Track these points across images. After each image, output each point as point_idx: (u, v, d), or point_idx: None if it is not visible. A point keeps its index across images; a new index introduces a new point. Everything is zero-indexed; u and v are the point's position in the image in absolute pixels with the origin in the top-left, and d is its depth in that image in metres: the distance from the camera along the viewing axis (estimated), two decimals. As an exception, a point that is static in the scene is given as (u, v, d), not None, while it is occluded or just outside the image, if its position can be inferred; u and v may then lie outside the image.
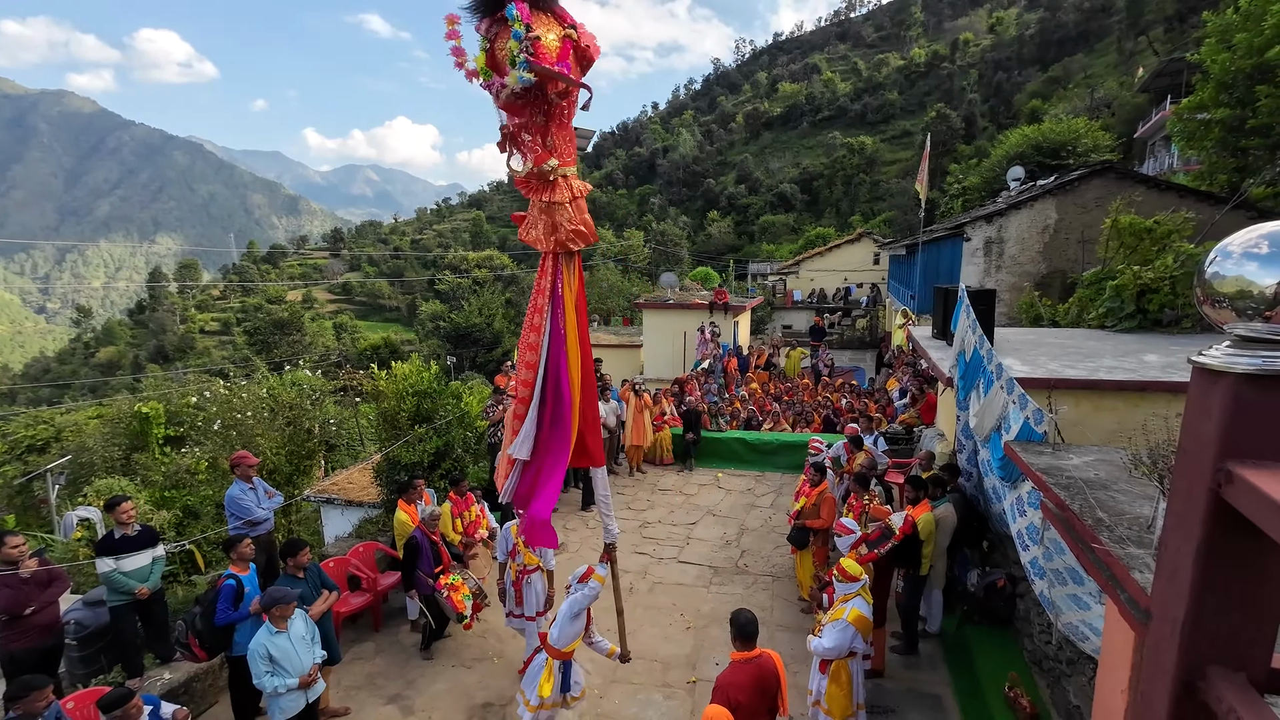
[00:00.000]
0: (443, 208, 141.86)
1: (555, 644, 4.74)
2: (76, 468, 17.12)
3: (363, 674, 6.21)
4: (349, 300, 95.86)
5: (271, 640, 4.57)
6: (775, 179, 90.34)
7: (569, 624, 4.70)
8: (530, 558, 5.89)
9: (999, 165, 26.44)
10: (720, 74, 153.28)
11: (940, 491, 6.41)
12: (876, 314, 31.23)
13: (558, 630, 4.72)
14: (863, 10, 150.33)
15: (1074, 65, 70.67)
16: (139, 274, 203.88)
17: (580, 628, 4.80)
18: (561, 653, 4.75)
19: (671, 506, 10.14)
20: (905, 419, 11.44)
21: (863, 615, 4.63)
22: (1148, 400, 5.46)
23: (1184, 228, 10.01)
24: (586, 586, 4.78)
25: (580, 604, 4.74)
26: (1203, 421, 1.22)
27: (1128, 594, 2.22)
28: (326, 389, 14.45)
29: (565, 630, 4.69)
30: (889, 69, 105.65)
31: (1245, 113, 12.27)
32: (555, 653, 4.75)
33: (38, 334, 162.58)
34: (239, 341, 69.51)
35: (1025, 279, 14.58)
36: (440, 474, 8.38)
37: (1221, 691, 1.15)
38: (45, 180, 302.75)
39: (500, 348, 42.73)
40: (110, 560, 5.36)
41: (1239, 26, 12.30)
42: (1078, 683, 4.65)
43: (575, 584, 4.84)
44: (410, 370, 9.12)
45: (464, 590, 6.22)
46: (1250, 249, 1.18)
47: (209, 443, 10.48)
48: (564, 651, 4.76)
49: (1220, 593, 1.18)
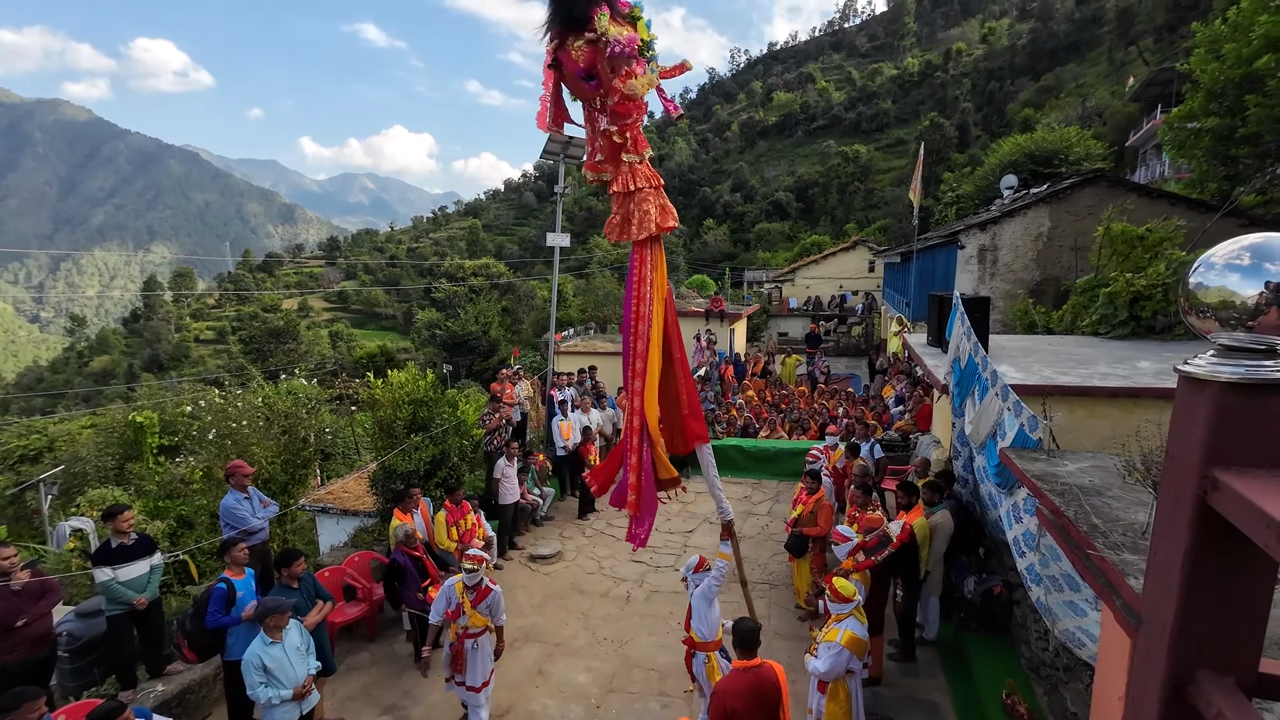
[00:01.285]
0: (439, 216, 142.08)
1: (705, 638, 4.84)
2: (69, 478, 17.02)
3: (358, 685, 6.17)
4: (345, 308, 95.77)
5: (266, 651, 4.54)
6: (771, 187, 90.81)
7: (708, 612, 4.84)
8: (477, 619, 5.12)
9: (992, 173, 26.64)
10: (715, 83, 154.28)
11: (938, 497, 6.42)
12: (872, 321, 31.33)
13: (697, 623, 4.83)
14: (856, 20, 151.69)
15: (1066, 75, 71.44)
16: (134, 282, 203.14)
17: (718, 613, 4.92)
18: (713, 643, 4.86)
19: (668, 514, 10.12)
20: (901, 426, 11.46)
21: (856, 637, 4.62)
22: (1141, 407, 5.48)
23: (1176, 235, 10.09)
24: (712, 572, 4.86)
25: (712, 590, 4.85)
26: (1189, 429, 1.24)
27: (1123, 600, 2.23)
28: (322, 397, 14.39)
29: (707, 619, 4.84)
30: (883, 78, 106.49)
31: (1235, 122, 12.41)
32: (708, 645, 4.86)
33: (31, 343, 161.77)
34: (234, 350, 69.33)
35: (1019, 286, 14.66)
36: (436, 482, 8.36)
37: (1210, 695, 1.16)
38: (40, 189, 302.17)
39: (496, 355, 42.66)
40: (108, 570, 5.31)
41: (1227, 37, 12.46)
42: (1075, 690, 4.65)
43: (691, 575, 4.94)
44: (406, 378, 9.11)
45: None
46: (1232, 260, 1.21)
47: (203, 452, 10.44)
48: (715, 641, 4.87)
49: (1208, 597, 1.20)
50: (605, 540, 9.29)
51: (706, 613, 4.79)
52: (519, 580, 8.17)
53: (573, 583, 8.06)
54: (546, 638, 6.88)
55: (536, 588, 7.98)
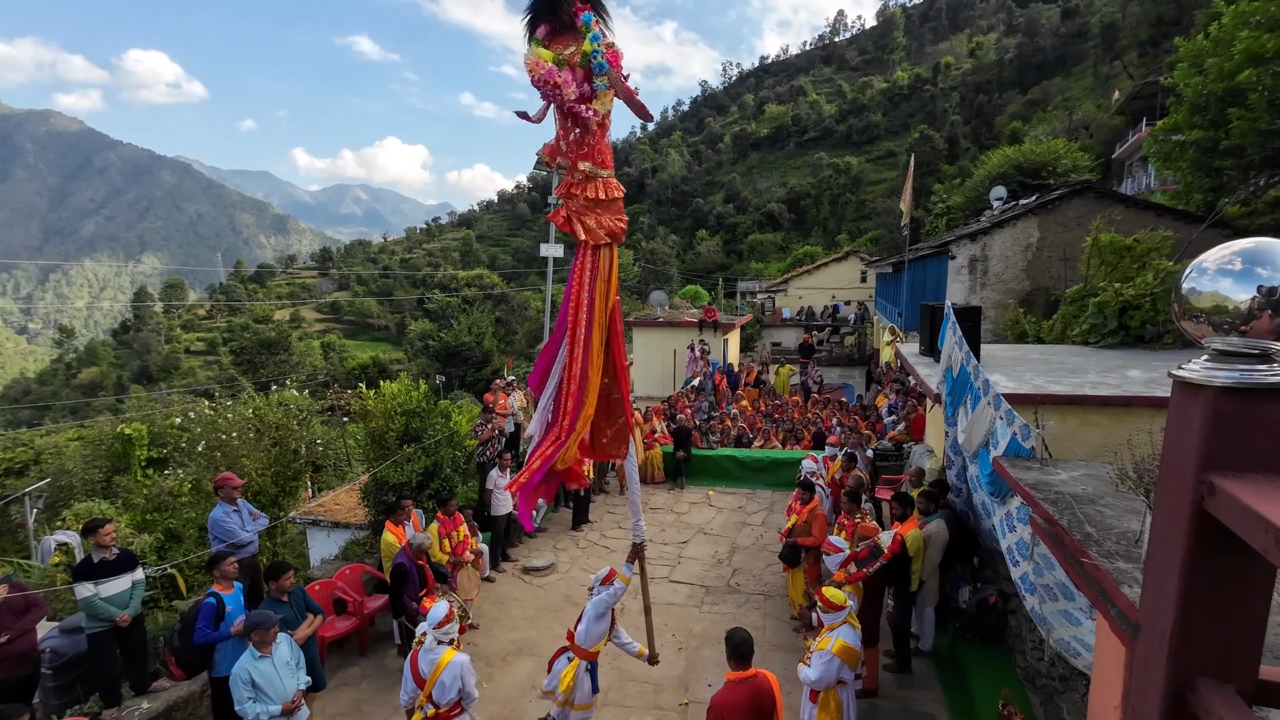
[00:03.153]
0: (432, 227, 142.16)
1: (582, 644, 4.80)
2: (55, 491, 16.78)
3: (348, 700, 6.07)
4: (337, 319, 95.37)
5: (254, 665, 4.46)
6: (763, 198, 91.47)
7: (594, 624, 4.81)
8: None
9: (982, 185, 26.90)
10: (708, 96, 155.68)
11: (932, 506, 6.42)
12: (865, 331, 31.48)
13: (584, 630, 4.81)
14: (846, 35, 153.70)
15: (1052, 88, 72.54)
16: (124, 294, 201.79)
17: (605, 628, 4.90)
18: (588, 653, 4.82)
19: (663, 525, 10.08)
20: (895, 435, 11.48)
21: (848, 645, 4.60)
22: (1132, 415, 5.52)
23: (1163, 245, 10.21)
24: (611, 587, 4.87)
25: (604, 605, 4.84)
26: (1184, 434, 1.24)
27: (1118, 609, 2.23)
28: (314, 409, 14.29)
29: (591, 630, 4.80)
30: (873, 91, 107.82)
31: (1218, 134, 12.59)
32: (582, 653, 4.81)
33: (18, 354, 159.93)
34: (225, 361, 68.78)
35: (1010, 296, 14.78)
36: (429, 494, 8.29)
37: (1210, 703, 1.15)
38: (30, 200, 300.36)
39: (490, 366, 42.56)
40: (90, 585, 5.18)
41: (1210, 52, 12.67)
42: (1071, 699, 4.63)
43: (598, 585, 4.93)
44: (399, 389, 9.06)
45: None
46: (1224, 265, 1.22)
47: (193, 464, 10.31)
48: (590, 652, 4.83)
49: (1206, 604, 1.20)
50: (599, 552, 9.22)
51: (594, 624, 4.82)
52: (512, 592, 8.09)
53: (566, 595, 7.99)
54: (540, 651, 6.79)
55: (529, 600, 7.90)
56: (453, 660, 4.44)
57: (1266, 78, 11.29)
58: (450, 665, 4.41)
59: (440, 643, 4.53)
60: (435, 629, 4.54)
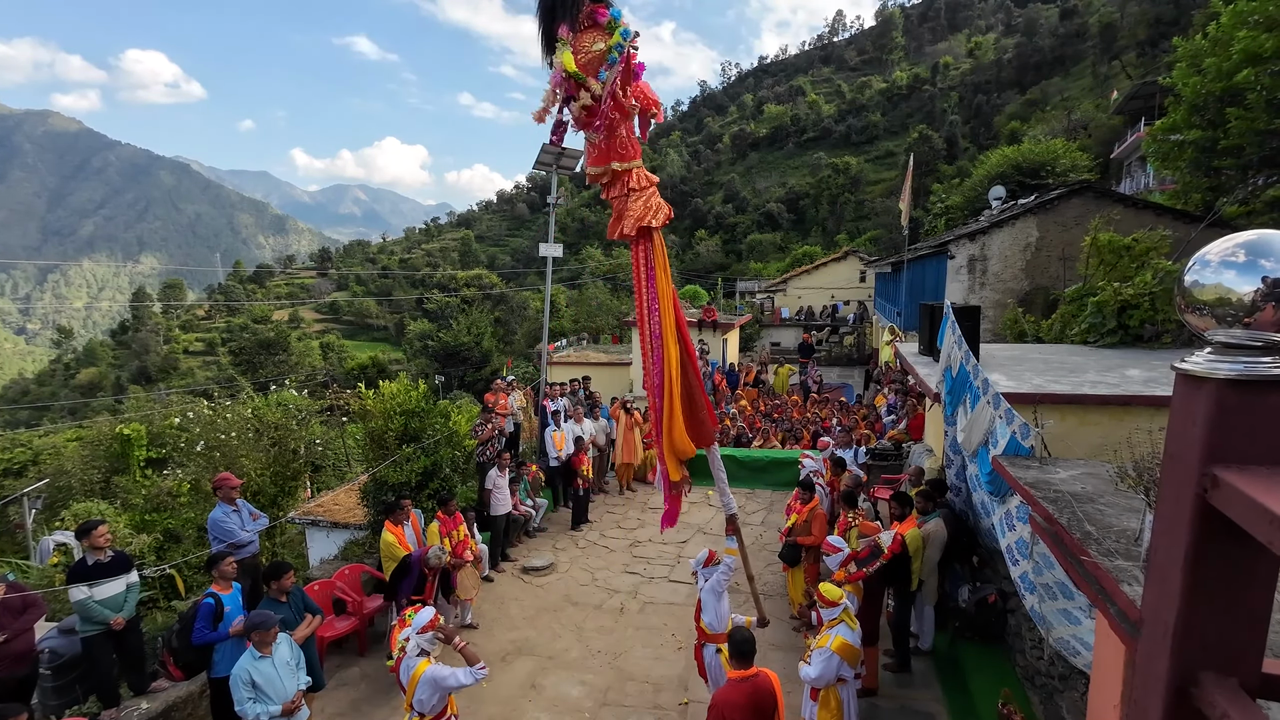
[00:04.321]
0: (431, 227, 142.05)
1: (719, 629, 4.97)
2: (54, 492, 16.74)
3: (347, 700, 6.07)
4: (336, 320, 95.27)
5: (254, 666, 4.45)
6: (762, 198, 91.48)
7: (719, 606, 5.00)
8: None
9: (980, 185, 26.90)
10: (706, 96, 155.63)
11: (930, 506, 6.41)
12: (864, 331, 31.50)
13: (713, 615, 4.97)
14: (845, 35, 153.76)
15: (1051, 88, 72.60)
16: (122, 294, 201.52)
17: (728, 606, 5.10)
18: (723, 635, 4.95)
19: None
20: (894, 435, 11.48)
21: (847, 643, 4.61)
22: (1131, 414, 5.51)
23: (1161, 245, 10.21)
24: (721, 566, 5.04)
25: (722, 584, 5.02)
26: (1187, 427, 1.24)
27: (1118, 607, 2.23)
28: (313, 409, 14.25)
29: (720, 613, 5.00)
30: (872, 91, 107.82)
31: (1217, 134, 12.60)
32: (718, 637, 4.97)
33: (16, 355, 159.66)
34: (224, 362, 68.70)
35: (1009, 295, 14.79)
36: (428, 494, 8.28)
37: (1214, 697, 1.15)
38: (28, 200, 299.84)
39: (489, 366, 42.53)
40: (84, 588, 5.14)
41: (1208, 51, 12.68)
42: (1070, 698, 4.63)
43: (702, 570, 5.09)
44: (398, 389, 9.05)
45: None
46: (1228, 257, 1.21)
47: (191, 464, 10.29)
48: (725, 633, 4.94)
49: (1210, 598, 1.19)
50: (599, 552, 9.22)
51: (716, 605, 4.99)
52: (511, 592, 8.08)
53: (566, 595, 7.98)
54: (539, 651, 6.79)
55: (529, 600, 7.90)
56: (424, 674, 4.30)
57: (1265, 77, 11.31)
58: (422, 680, 4.28)
59: (422, 651, 4.44)
60: (418, 634, 4.46)
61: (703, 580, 5.10)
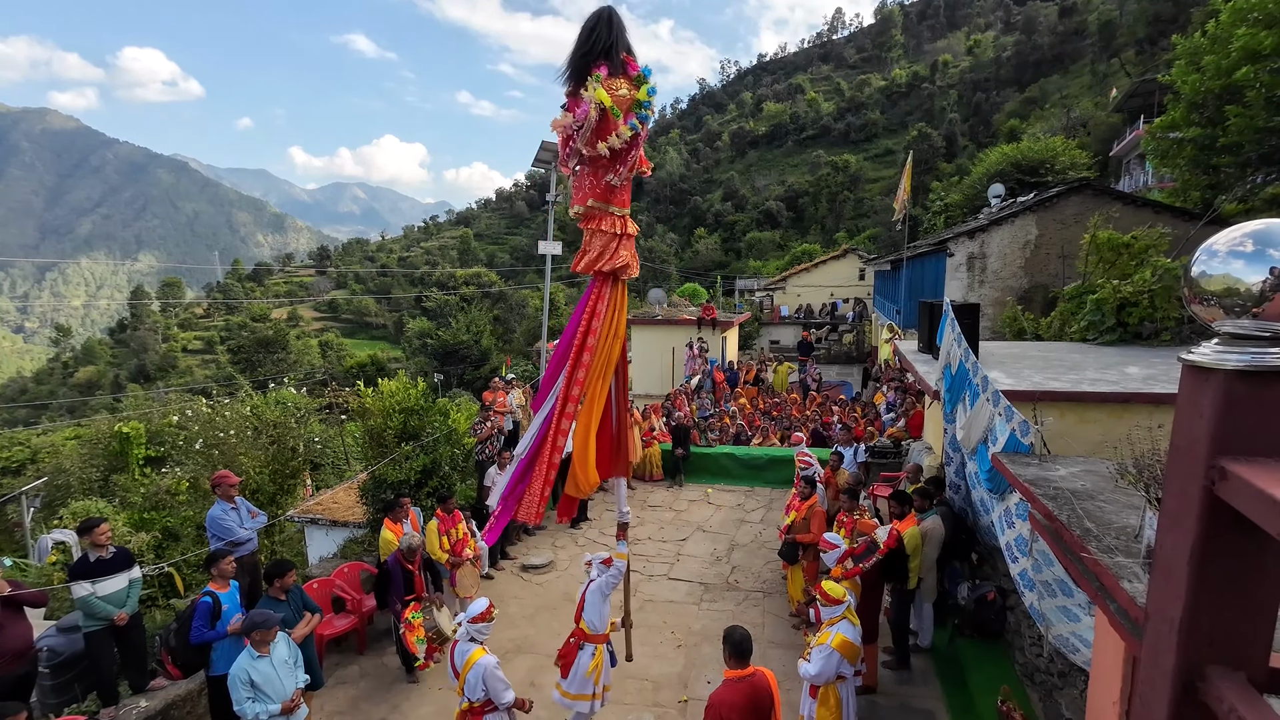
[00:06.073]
0: (430, 225, 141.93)
1: (598, 629, 4.95)
2: (53, 490, 16.71)
3: (346, 699, 6.05)
4: (335, 318, 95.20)
5: (253, 665, 4.44)
6: (761, 196, 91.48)
7: (602, 607, 4.98)
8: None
9: (980, 182, 26.90)
10: (706, 94, 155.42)
11: (928, 503, 6.41)
12: (863, 329, 31.49)
13: (593, 615, 4.95)
14: (844, 33, 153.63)
15: (1050, 86, 72.60)
16: (121, 292, 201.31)
17: (609, 609, 5.08)
18: (604, 636, 4.99)
19: (661, 523, 10.07)
20: (894, 432, 11.48)
21: (847, 640, 4.60)
22: (1131, 411, 5.51)
23: (1160, 243, 10.20)
24: (611, 570, 5.01)
25: (610, 586, 5.00)
26: (1194, 419, 1.22)
27: (1117, 604, 2.22)
28: (312, 407, 14.24)
29: (602, 613, 4.98)
30: (871, 89, 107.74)
31: (1215, 132, 12.61)
32: (597, 638, 4.96)
33: (15, 353, 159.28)
34: (223, 360, 68.65)
35: (1008, 293, 14.79)
36: (427, 492, 8.26)
37: (1221, 691, 1.14)
38: (26, 198, 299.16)
39: (488, 364, 42.52)
40: (86, 585, 5.15)
41: (1207, 49, 12.67)
42: (1070, 696, 4.63)
43: (598, 567, 5.07)
44: (397, 387, 9.02)
45: (419, 633, 6.15)
46: (1235, 247, 1.20)
47: (190, 462, 10.27)
48: (605, 634, 5.00)
49: (1217, 591, 1.18)
50: (598, 549, 9.19)
51: (600, 606, 4.98)
52: (511, 590, 8.08)
53: (565, 593, 7.97)
54: (538, 649, 6.78)
55: (528, 598, 7.89)
56: (478, 662, 4.43)
57: (1264, 75, 11.31)
58: (475, 666, 4.42)
59: (473, 640, 4.56)
60: (470, 623, 4.57)
61: (596, 574, 5.05)
